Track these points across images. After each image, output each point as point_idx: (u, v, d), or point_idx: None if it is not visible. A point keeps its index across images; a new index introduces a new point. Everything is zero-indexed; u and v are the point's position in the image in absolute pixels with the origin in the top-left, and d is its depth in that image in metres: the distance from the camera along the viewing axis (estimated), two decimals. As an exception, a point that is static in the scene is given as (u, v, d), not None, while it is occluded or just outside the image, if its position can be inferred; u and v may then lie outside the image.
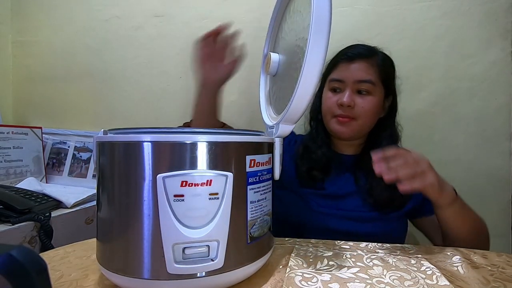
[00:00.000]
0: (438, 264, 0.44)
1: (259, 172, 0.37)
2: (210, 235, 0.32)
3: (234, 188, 0.34)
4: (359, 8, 0.96)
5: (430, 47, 0.92)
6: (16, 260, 0.19)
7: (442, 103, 0.92)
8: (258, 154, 0.37)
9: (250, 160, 0.36)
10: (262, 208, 0.38)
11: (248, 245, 0.36)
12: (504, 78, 0.88)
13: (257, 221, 0.37)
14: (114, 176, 0.34)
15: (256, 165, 0.37)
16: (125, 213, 0.33)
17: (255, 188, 0.37)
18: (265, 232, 0.39)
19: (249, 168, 0.36)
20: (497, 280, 0.39)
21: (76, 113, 1.20)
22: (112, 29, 1.15)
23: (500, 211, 0.89)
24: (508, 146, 0.89)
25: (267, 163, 0.39)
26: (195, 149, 0.32)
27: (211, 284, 0.34)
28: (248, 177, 0.36)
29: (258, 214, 0.37)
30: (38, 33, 1.23)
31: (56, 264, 0.44)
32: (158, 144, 0.32)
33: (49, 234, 0.69)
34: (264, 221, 0.39)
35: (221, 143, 0.34)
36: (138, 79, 1.14)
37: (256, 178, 0.37)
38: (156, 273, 0.32)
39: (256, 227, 0.37)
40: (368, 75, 0.68)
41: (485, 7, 0.89)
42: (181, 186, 0.31)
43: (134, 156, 0.32)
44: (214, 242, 0.33)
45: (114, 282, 0.35)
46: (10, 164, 0.99)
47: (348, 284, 0.38)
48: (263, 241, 0.39)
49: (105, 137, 0.35)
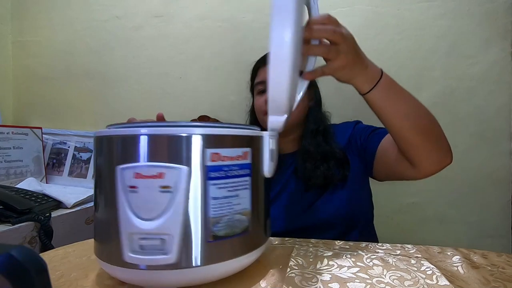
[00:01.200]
0: (438, 264, 0.44)
1: (225, 167, 0.35)
2: (162, 228, 0.32)
3: (190, 183, 0.33)
4: (359, 8, 0.97)
5: (430, 47, 0.92)
6: (16, 260, 0.19)
7: (442, 103, 0.92)
8: (224, 147, 0.35)
9: (212, 154, 0.34)
10: (232, 206, 0.35)
11: (209, 243, 0.34)
12: (504, 78, 0.88)
13: (222, 219, 0.35)
14: (96, 168, 0.39)
15: (221, 159, 0.35)
16: (102, 202, 0.37)
17: (220, 184, 0.34)
18: (236, 233, 0.36)
19: (210, 162, 0.34)
20: (497, 280, 0.39)
21: (76, 113, 1.20)
22: (112, 29, 1.15)
23: (500, 211, 0.89)
24: (508, 146, 0.89)
25: (240, 158, 0.36)
26: (149, 141, 0.33)
27: (165, 279, 0.34)
28: (208, 172, 0.34)
29: (224, 212, 0.35)
30: (38, 33, 1.23)
31: (56, 264, 0.44)
32: (116, 138, 0.35)
33: (49, 234, 0.69)
34: (235, 220, 0.35)
35: (175, 136, 0.33)
36: (138, 79, 1.14)
37: (221, 173, 0.35)
38: (117, 260, 0.34)
39: (222, 226, 0.35)
40: None
41: (485, 7, 0.89)
42: (134, 178, 0.33)
43: (103, 149, 0.36)
44: (166, 236, 0.32)
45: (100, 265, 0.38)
46: (10, 164, 0.99)
47: (348, 284, 0.38)
48: (235, 242, 0.36)
49: (89, 133, 0.38)
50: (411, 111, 0.54)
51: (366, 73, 0.51)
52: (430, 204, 0.94)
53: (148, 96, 1.13)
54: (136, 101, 1.14)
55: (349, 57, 0.47)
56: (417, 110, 0.55)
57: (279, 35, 0.36)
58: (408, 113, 0.53)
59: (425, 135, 0.54)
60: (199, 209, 0.33)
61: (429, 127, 0.55)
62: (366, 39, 0.94)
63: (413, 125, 0.53)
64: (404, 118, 0.53)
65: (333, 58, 0.47)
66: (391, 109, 0.53)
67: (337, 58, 0.47)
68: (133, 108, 1.14)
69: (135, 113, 1.15)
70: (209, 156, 0.34)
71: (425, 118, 0.55)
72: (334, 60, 0.47)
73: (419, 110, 0.55)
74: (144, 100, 1.14)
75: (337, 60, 0.47)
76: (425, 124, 0.55)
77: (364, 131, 0.72)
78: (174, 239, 0.32)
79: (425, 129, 0.54)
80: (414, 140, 0.54)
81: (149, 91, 1.13)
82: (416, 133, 0.54)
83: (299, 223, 0.68)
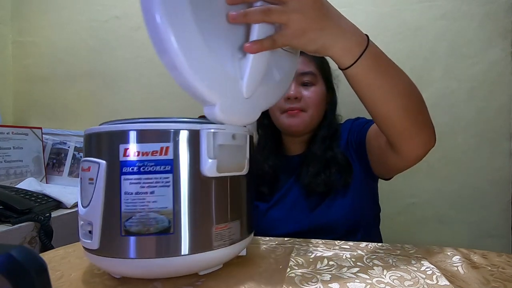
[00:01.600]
0: (438, 264, 0.44)
1: (139, 162, 0.34)
2: (87, 215, 0.36)
3: (108, 176, 0.35)
4: (359, 9, 0.96)
5: (430, 47, 0.92)
6: (16, 260, 0.19)
7: (442, 103, 0.92)
8: (140, 142, 0.35)
9: (124, 149, 0.34)
10: (146, 203, 0.34)
11: (122, 237, 0.34)
12: (504, 78, 0.88)
13: (135, 215, 0.34)
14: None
15: (135, 154, 0.34)
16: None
17: (132, 179, 0.34)
18: (151, 232, 0.34)
19: (122, 157, 0.34)
20: (497, 280, 0.39)
21: (76, 113, 1.20)
22: (112, 29, 1.15)
23: (500, 212, 0.89)
24: (508, 146, 0.89)
25: (157, 153, 0.34)
26: (88, 139, 0.38)
27: (95, 262, 0.38)
28: (122, 167, 0.34)
29: (137, 208, 0.34)
30: (38, 33, 1.23)
31: (56, 264, 0.44)
32: (86, 136, 0.39)
33: (49, 234, 0.69)
34: (150, 218, 0.34)
35: (96, 133, 0.37)
36: (138, 79, 1.14)
37: (134, 168, 0.34)
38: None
39: (135, 222, 0.34)
40: (309, 67, 0.71)
41: (485, 7, 0.89)
42: (81, 170, 0.38)
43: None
44: (90, 223, 0.36)
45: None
46: (10, 164, 0.99)
47: (348, 284, 0.38)
48: (150, 241, 0.34)
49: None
50: (401, 90, 0.45)
51: (345, 40, 0.40)
52: (430, 204, 0.94)
53: (148, 96, 1.13)
54: (136, 101, 1.14)
55: (308, 17, 0.37)
56: (407, 88, 0.46)
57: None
58: (397, 92, 0.44)
59: (414, 117, 0.46)
60: (115, 202, 0.35)
61: (419, 107, 0.47)
62: (366, 39, 0.94)
63: (403, 106, 0.45)
64: (392, 98, 0.44)
65: (283, 21, 0.36)
66: (377, 88, 0.43)
67: (289, 21, 0.36)
68: (133, 108, 1.14)
69: (135, 113, 1.15)
70: (122, 151, 0.35)
71: (415, 97, 0.47)
72: (286, 24, 0.36)
73: (409, 88, 0.46)
74: (144, 100, 1.14)
75: (290, 24, 0.36)
76: (415, 104, 0.47)
77: (359, 126, 0.71)
78: (96, 228, 0.35)
79: (415, 109, 0.47)
80: (401, 123, 0.46)
81: (149, 91, 1.13)
82: (405, 115, 0.46)
83: (301, 227, 0.67)
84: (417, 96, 0.47)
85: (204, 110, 0.37)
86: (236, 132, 0.38)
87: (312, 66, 0.72)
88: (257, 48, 0.37)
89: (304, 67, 0.71)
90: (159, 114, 1.12)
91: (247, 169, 0.40)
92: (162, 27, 0.32)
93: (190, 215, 0.36)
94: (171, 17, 0.32)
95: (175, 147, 0.35)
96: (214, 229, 0.37)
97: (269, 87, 0.44)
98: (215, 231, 0.37)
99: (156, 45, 0.34)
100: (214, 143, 0.36)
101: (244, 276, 0.40)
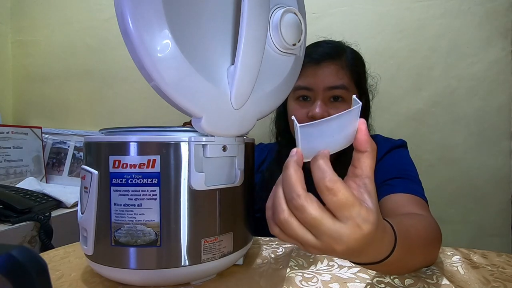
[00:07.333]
0: (438, 264, 0.44)
1: (127, 174, 0.34)
2: (83, 222, 0.37)
3: (100, 186, 0.35)
4: (359, 8, 0.96)
5: (430, 46, 0.92)
6: (16, 260, 0.19)
7: (442, 102, 0.92)
8: (128, 155, 0.34)
9: (114, 161, 0.35)
10: (134, 215, 0.34)
11: (112, 247, 0.35)
12: (504, 77, 0.88)
13: (124, 227, 0.34)
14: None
15: (123, 166, 0.34)
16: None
17: (121, 191, 0.34)
18: (139, 244, 0.34)
19: (112, 169, 0.35)
20: (497, 280, 0.39)
21: (76, 112, 1.20)
22: (112, 29, 1.15)
23: (500, 211, 0.89)
24: (508, 145, 0.89)
25: (144, 166, 0.34)
26: (86, 147, 0.39)
27: (93, 267, 0.38)
28: (111, 178, 0.35)
29: (126, 219, 0.34)
30: (38, 32, 1.23)
31: (56, 264, 0.44)
32: (86, 144, 0.39)
33: (49, 234, 0.69)
34: (137, 230, 0.34)
35: (91, 143, 0.38)
36: (138, 79, 1.13)
37: (123, 180, 0.34)
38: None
39: (123, 233, 0.34)
40: (339, 79, 0.61)
41: (485, 6, 0.89)
42: (80, 177, 0.39)
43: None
44: (85, 229, 0.37)
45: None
46: (10, 164, 0.99)
47: (348, 284, 0.38)
48: (138, 252, 0.34)
49: (89, 133, 0.39)
50: (421, 259, 0.40)
51: (381, 244, 0.31)
52: (430, 204, 0.94)
53: (148, 96, 1.13)
54: (136, 101, 1.14)
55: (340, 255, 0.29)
56: (428, 252, 0.41)
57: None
58: (418, 262, 0.40)
59: (429, 262, 0.43)
60: (106, 212, 0.35)
61: (436, 252, 0.43)
62: (366, 38, 0.94)
63: (416, 268, 0.41)
64: (411, 269, 0.40)
65: (315, 253, 0.31)
66: (399, 267, 0.38)
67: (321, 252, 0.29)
68: (133, 108, 1.14)
69: (135, 113, 1.16)
70: (112, 162, 0.35)
71: (433, 253, 0.42)
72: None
73: (429, 251, 0.41)
74: (144, 100, 1.14)
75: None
76: (433, 256, 0.43)
77: (386, 173, 0.58)
78: (90, 235, 0.36)
79: (432, 259, 0.43)
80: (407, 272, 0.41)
81: (149, 91, 1.12)
82: (420, 267, 0.42)
83: None
84: (435, 247, 0.42)
85: (192, 122, 0.35)
86: (227, 143, 0.37)
87: (345, 78, 0.61)
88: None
89: (335, 80, 0.61)
90: (160, 113, 1.12)
91: (241, 180, 0.38)
92: (135, 37, 0.32)
93: (178, 228, 0.35)
94: (145, 27, 0.32)
95: (162, 160, 0.34)
96: (203, 242, 0.36)
97: (264, 95, 0.40)
98: (204, 244, 0.36)
99: (133, 58, 0.33)
100: (202, 156, 0.35)
101: (244, 276, 0.40)
